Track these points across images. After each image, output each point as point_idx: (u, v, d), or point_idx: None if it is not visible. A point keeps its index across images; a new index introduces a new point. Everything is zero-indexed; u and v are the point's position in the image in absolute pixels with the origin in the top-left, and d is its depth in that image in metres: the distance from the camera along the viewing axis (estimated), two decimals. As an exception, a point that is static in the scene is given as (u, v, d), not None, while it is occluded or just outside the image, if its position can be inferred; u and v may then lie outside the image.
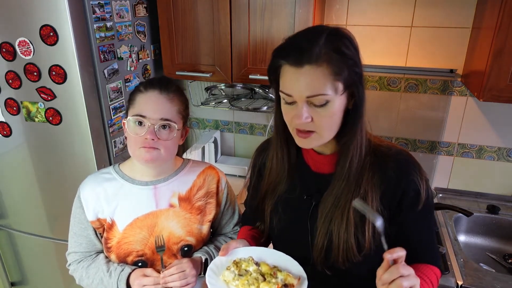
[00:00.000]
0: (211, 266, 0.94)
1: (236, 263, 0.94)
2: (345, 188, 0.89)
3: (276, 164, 0.99)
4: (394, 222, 0.90)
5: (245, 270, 0.92)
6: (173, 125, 1.05)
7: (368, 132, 0.91)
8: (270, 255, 0.97)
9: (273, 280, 0.88)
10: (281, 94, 0.84)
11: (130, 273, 1.08)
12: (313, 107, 0.81)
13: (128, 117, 1.05)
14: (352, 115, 0.85)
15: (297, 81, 0.79)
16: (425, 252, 0.95)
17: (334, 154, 0.93)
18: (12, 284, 2.16)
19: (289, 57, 0.80)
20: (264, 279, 0.90)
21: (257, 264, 0.94)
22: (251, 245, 1.03)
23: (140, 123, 1.03)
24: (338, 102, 0.81)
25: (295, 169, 0.99)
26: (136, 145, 1.04)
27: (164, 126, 1.04)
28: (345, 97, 0.83)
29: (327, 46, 0.78)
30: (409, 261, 0.94)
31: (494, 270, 1.53)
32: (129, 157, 1.13)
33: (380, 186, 0.88)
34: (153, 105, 1.03)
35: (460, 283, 1.34)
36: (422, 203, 0.88)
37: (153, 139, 1.02)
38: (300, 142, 0.88)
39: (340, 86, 0.80)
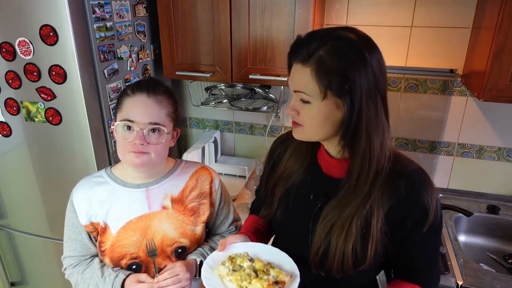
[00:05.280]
0: (207, 260, 0.96)
1: (231, 259, 0.95)
2: (351, 201, 0.87)
3: (297, 155, 1.01)
4: (395, 239, 0.89)
5: (239, 266, 0.93)
6: (163, 128, 1.03)
7: (391, 148, 0.87)
8: (266, 252, 0.98)
9: (265, 277, 0.89)
10: None
11: (124, 279, 1.07)
12: (300, 102, 0.86)
13: (117, 122, 1.03)
14: (347, 127, 0.83)
15: (291, 74, 0.87)
16: (421, 274, 0.94)
17: (345, 160, 0.91)
18: (12, 284, 2.16)
19: (290, 52, 0.87)
20: (257, 276, 0.91)
21: (251, 260, 0.95)
22: (251, 239, 1.03)
23: (129, 127, 1.01)
24: (319, 107, 0.82)
25: (308, 168, 0.99)
26: (126, 150, 1.02)
27: (153, 130, 1.03)
28: (332, 106, 0.81)
29: (320, 49, 0.79)
30: (404, 278, 0.95)
31: (494, 270, 1.53)
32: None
33: (388, 202, 0.86)
34: (141, 109, 1.01)
35: (460, 283, 1.34)
36: (429, 224, 0.86)
37: (142, 144, 1.01)
38: (292, 130, 0.93)
39: (323, 92, 0.80)
